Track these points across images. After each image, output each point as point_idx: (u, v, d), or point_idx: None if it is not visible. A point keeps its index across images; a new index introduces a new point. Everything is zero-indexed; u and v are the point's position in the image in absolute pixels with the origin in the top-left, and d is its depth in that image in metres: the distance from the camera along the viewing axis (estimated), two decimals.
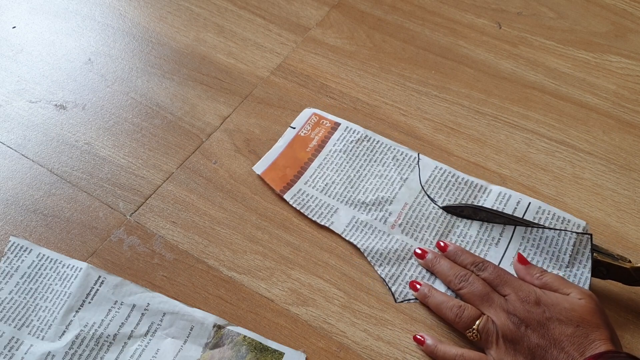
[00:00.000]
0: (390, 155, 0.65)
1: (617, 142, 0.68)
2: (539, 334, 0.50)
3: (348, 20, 0.79)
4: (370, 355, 0.54)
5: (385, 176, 0.64)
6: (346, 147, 0.66)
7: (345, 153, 0.65)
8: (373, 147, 0.66)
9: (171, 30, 0.78)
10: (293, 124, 0.67)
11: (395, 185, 0.63)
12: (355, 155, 0.65)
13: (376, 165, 0.64)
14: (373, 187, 0.63)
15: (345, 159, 0.65)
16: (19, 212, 0.62)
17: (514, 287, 0.54)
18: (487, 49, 0.76)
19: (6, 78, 0.73)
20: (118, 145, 0.67)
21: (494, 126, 0.69)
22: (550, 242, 0.57)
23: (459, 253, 0.58)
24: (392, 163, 0.64)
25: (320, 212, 0.61)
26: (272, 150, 0.66)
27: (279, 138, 0.67)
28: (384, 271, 0.58)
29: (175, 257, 0.60)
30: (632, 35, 0.77)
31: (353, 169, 0.64)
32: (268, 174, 0.64)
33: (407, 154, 0.65)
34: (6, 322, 0.55)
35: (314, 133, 0.66)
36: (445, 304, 0.55)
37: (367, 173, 0.64)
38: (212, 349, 0.54)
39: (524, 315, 0.51)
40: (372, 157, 0.65)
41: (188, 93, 0.72)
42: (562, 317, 0.50)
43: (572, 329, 0.50)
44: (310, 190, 0.63)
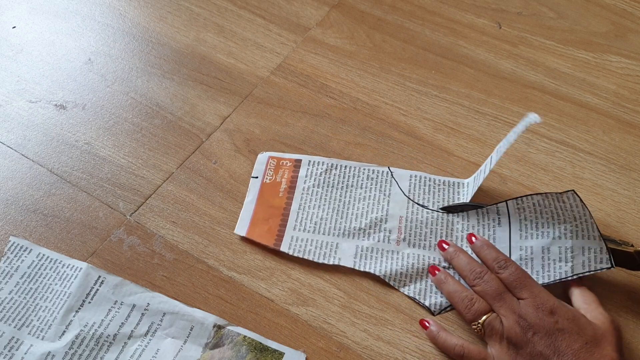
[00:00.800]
0: (363, 176, 0.64)
1: (617, 142, 0.68)
2: (545, 343, 0.50)
3: (348, 20, 0.79)
4: (370, 355, 0.54)
5: (368, 197, 0.63)
6: (317, 181, 0.64)
7: (319, 187, 0.64)
8: (343, 173, 0.65)
9: (171, 30, 0.78)
10: (254, 174, 0.64)
11: (382, 202, 0.62)
12: (330, 186, 0.64)
13: (355, 190, 0.63)
14: (362, 211, 0.62)
15: (322, 192, 0.63)
16: (19, 212, 0.62)
17: (532, 292, 0.53)
18: (487, 49, 0.76)
19: (6, 78, 0.73)
20: (118, 145, 0.67)
21: (494, 126, 0.69)
22: (543, 204, 0.57)
23: (484, 247, 0.58)
24: (369, 183, 0.64)
25: (323, 253, 0.59)
26: (245, 208, 0.62)
27: (246, 195, 0.63)
28: (410, 290, 0.57)
29: (175, 257, 0.60)
30: (632, 35, 0.77)
31: (334, 200, 0.63)
32: (253, 232, 0.60)
33: (379, 170, 0.65)
34: (6, 322, 0.55)
35: (279, 176, 0.64)
36: (459, 293, 0.55)
37: (349, 200, 0.63)
38: (212, 349, 0.54)
39: (534, 321, 0.51)
40: (347, 182, 0.64)
41: (188, 93, 0.72)
42: (574, 332, 0.50)
43: (580, 345, 0.49)
44: (302, 235, 0.60)
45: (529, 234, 0.58)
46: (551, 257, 0.56)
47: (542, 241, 0.57)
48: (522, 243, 0.58)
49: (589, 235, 0.56)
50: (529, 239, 0.58)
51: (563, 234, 0.56)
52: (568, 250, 0.56)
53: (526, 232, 0.58)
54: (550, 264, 0.56)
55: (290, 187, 0.63)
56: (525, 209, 0.58)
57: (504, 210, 0.59)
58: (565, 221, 0.56)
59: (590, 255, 0.55)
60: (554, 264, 0.56)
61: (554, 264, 0.56)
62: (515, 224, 0.58)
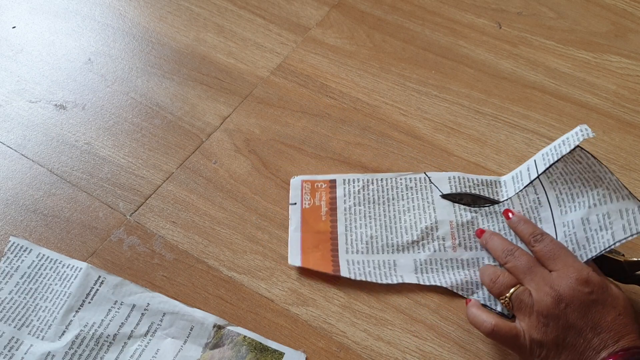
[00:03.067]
0: (402, 187, 0.63)
1: (617, 142, 0.68)
2: (578, 315, 0.49)
3: (348, 20, 0.79)
4: (370, 355, 0.54)
5: (413, 207, 0.61)
6: (357, 199, 0.62)
7: (361, 205, 0.62)
8: (381, 187, 0.63)
9: (171, 30, 0.78)
10: (291, 200, 0.62)
11: (428, 210, 0.61)
12: (371, 202, 0.62)
13: (397, 202, 0.62)
14: (410, 223, 0.61)
15: (364, 210, 0.61)
16: (19, 212, 0.62)
17: (566, 262, 0.52)
18: (487, 49, 0.76)
19: (6, 78, 0.73)
20: (118, 145, 0.67)
21: (494, 126, 0.69)
22: (569, 171, 0.56)
23: (521, 222, 0.57)
24: (409, 192, 0.62)
25: (383, 273, 0.58)
26: (292, 237, 0.60)
27: (289, 223, 0.61)
28: (480, 297, 0.57)
29: (175, 257, 0.59)
30: (632, 35, 0.77)
31: (380, 216, 0.61)
32: (307, 261, 0.58)
33: (416, 177, 0.63)
34: (6, 322, 0.55)
35: (317, 200, 0.62)
36: (486, 269, 0.55)
37: (394, 213, 0.61)
38: (212, 349, 0.54)
39: (567, 292, 0.50)
40: (387, 196, 0.62)
41: (188, 93, 0.72)
42: (608, 303, 0.49)
43: (614, 316, 0.49)
44: (356, 257, 0.59)
45: (567, 207, 0.56)
46: (592, 228, 0.55)
47: (580, 212, 0.55)
48: (563, 219, 0.56)
49: (620, 195, 0.54)
50: (569, 212, 0.56)
51: (597, 200, 0.55)
52: (606, 216, 0.54)
53: (565, 206, 0.57)
54: (593, 235, 0.55)
55: (332, 209, 0.61)
56: (556, 181, 0.57)
57: (540, 188, 0.58)
58: (594, 186, 0.55)
59: (629, 218, 0.53)
60: (596, 234, 0.54)
61: (597, 234, 0.54)
62: (554, 201, 0.57)
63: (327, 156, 0.67)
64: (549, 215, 0.58)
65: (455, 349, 0.55)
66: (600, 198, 0.55)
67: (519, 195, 0.60)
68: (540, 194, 0.59)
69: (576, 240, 0.56)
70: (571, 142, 0.56)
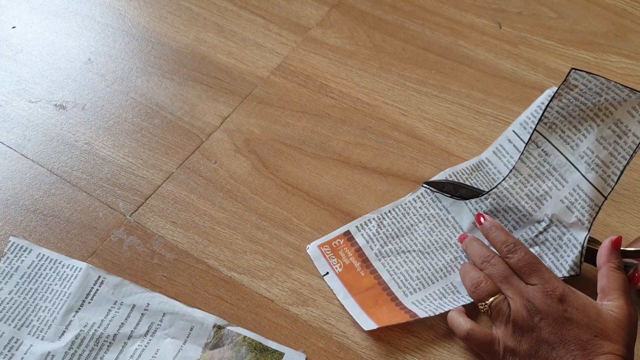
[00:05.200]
0: (412, 211, 0.61)
1: None
2: (552, 330, 0.49)
3: (348, 20, 0.79)
4: (370, 355, 0.54)
5: (434, 225, 0.60)
6: (382, 240, 0.60)
7: (388, 244, 0.59)
8: (395, 219, 0.61)
9: (171, 30, 0.78)
10: (322, 272, 0.58)
11: (449, 222, 0.61)
12: (395, 237, 0.60)
13: (417, 226, 0.61)
14: (442, 241, 0.60)
15: (394, 248, 0.59)
16: (19, 212, 0.62)
17: (543, 278, 0.52)
18: (487, 48, 0.76)
19: (6, 78, 0.73)
20: (118, 145, 0.67)
21: (494, 126, 0.69)
22: (564, 105, 0.56)
23: (492, 229, 0.57)
24: (421, 212, 0.61)
25: (452, 299, 0.57)
26: (349, 306, 0.56)
27: (335, 294, 0.57)
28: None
29: (175, 257, 0.59)
30: (632, 35, 0.77)
31: (412, 247, 0.59)
32: (380, 319, 0.55)
33: (418, 195, 0.62)
34: (6, 322, 0.55)
35: (345, 258, 0.59)
36: (469, 273, 0.56)
37: (422, 238, 0.60)
38: (212, 349, 0.54)
39: (542, 307, 0.50)
40: (405, 225, 0.61)
41: (188, 93, 0.72)
42: (583, 323, 0.49)
43: (588, 337, 0.49)
44: (418, 296, 0.57)
45: (576, 140, 0.56)
46: (612, 141, 0.54)
47: (592, 136, 0.55)
48: (578, 152, 0.56)
49: (622, 98, 0.54)
50: (580, 143, 0.56)
51: (603, 115, 0.54)
52: (618, 123, 0.54)
53: (572, 141, 0.56)
54: (615, 146, 0.54)
55: (364, 261, 0.58)
56: (555, 123, 0.56)
57: (541, 139, 0.57)
58: (595, 103, 0.54)
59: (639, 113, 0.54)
60: (617, 144, 0.54)
61: (619, 144, 0.54)
62: (559, 143, 0.56)
63: (327, 156, 0.67)
64: (562, 159, 0.57)
65: (455, 349, 0.55)
66: (605, 111, 0.54)
67: (521, 159, 0.59)
68: (542, 144, 0.58)
69: (602, 161, 0.55)
70: (546, 103, 0.57)
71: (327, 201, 0.63)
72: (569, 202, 0.57)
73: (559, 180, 0.58)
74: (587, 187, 0.56)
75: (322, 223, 0.62)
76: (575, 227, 0.57)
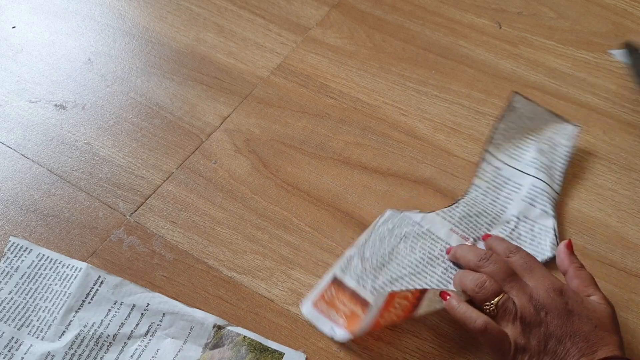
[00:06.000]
0: (387, 230, 0.60)
1: (617, 142, 0.68)
2: (558, 323, 0.50)
3: (348, 20, 0.79)
4: (370, 355, 0.54)
5: (413, 244, 0.60)
6: (371, 275, 0.57)
7: (378, 276, 0.57)
8: (374, 247, 0.59)
9: (171, 30, 0.78)
10: (329, 334, 0.55)
11: (427, 236, 0.60)
12: (382, 267, 0.58)
13: (398, 247, 0.59)
14: (428, 256, 0.59)
15: (386, 278, 0.57)
16: (19, 212, 0.62)
17: (542, 274, 0.53)
18: (487, 48, 0.76)
19: (6, 78, 0.73)
20: (118, 145, 0.67)
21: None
22: (507, 128, 0.66)
23: (496, 240, 0.58)
24: (396, 233, 0.60)
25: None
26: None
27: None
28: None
29: (175, 257, 0.59)
30: (632, 35, 0.77)
31: (401, 270, 0.58)
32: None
33: (386, 217, 0.61)
34: (6, 322, 0.55)
35: (343, 308, 0.55)
36: (469, 274, 0.54)
37: (408, 260, 0.58)
38: (212, 349, 0.54)
39: (546, 301, 0.51)
40: (387, 249, 0.59)
41: (188, 93, 0.72)
42: (583, 315, 0.50)
43: (590, 328, 0.49)
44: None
45: (521, 154, 0.65)
46: (549, 151, 0.64)
47: (533, 149, 0.64)
48: (525, 161, 0.64)
49: (550, 120, 0.66)
50: (525, 155, 0.64)
51: (538, 134, 0.65)
52: (551, 139, 0.65)
53: (518, 156, 0.65)
54: (554, 155, 0.64)
55: (362, 304, 0.55)
56: (501, 144, 0.65)
57: (491, 158, 0.65)
58: (530, 128, 0.65)
59: (563, 129, 0.66)
60: (555, 152, 0.64)
61: (555, 152, 0.64)
62: (508, 159, 0.64)
63: (327, 156, 0.67)
64: (513, 171, 0.64)
65: (455, 349, 0.55)
66: (538, 131, 0.66)
67: (478, 175, 0.64)
68: (493, 161, 0.65)
69: (546, 165, 0.63)
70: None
71: (327, 201, 0.63)
72: (530, 199, 0.62)
73: (515, 186, 0.63)
74: (541, 185, 0.62)
75: (322, 223, 0.62)
76: (542, 217, 0.61)
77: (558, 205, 0.63)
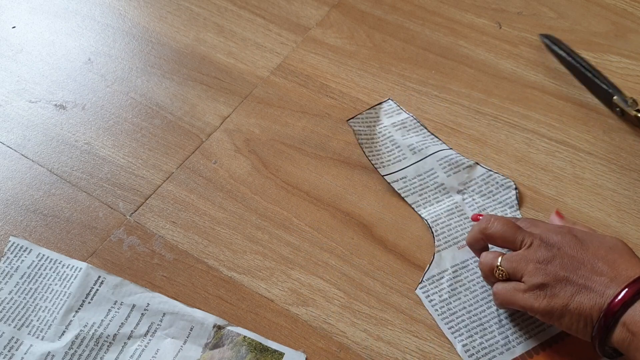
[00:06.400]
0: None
1: (617, 142, 0.68)
2: (573, 252, 0.50)
3: (348, 20, 0.79)
4: (370, 355, 0.54)
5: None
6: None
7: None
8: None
9: (171, 30, 0.78)
10: None
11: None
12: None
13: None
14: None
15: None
16: (19, 212, 0.62)
17: (546, 224, 0.54)
18: (487, 48, 0.76)
19: (6, 78, 0.73)
20: (118, 145, 0.67)
21: (494, 126, 0.69)
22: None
23: (495, 216, 0.57)
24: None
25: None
26: None
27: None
28: None
29: (175, 257, 0.59)
30: (632, 35, 0.77)
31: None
32: None
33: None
34: (6, 322, 0.55)
35: None
36: (482, 259, 0.55)
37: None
38: (212, 349, 0.54)
39: (557, 239, 0.51)
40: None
41: (188, 93, 0.72)
42: (595, 241, 0.51)
43: (605, 250, 0.50)
44: None
45: (396, 155, 0.66)
46: (399, 138, 0.67)
47: (391, 143, 0.67)
48: (406, 155, 0.66)
49: (370, 114, 0.69)
50: (399, 153, 0.66)
51: (375, 127, 0.68)
52: (386, 130, 0.68)
53: (396, 157, 0.66)
54: (401, 140, 0.67)
55: None
56: (381, 161, 0.65)
57: (389, 177, 0.65)
58: (375, 131, 0.67)
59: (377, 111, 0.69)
60: (397, 137, 0.67)
61: (401, 135, 0.67)
62: (395, 165, 0.65)
63: (327, 156, 0.67)
64: (409, 168, 0.65)
65: (455, 349, 0.55)
66: (379, 129, 0.68)
67: (399, 193, 0.64)
68: (392, 177, 0.65)
69: (417, 143, 0.67)
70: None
71: (327, 201, 0.63)
72: (447, 170, 0.65)
73: (431, 174, 0.65)
74: (438, 156, 0.65)
75: (322, 223, 0.62)
76: (470, 170, 0.65)
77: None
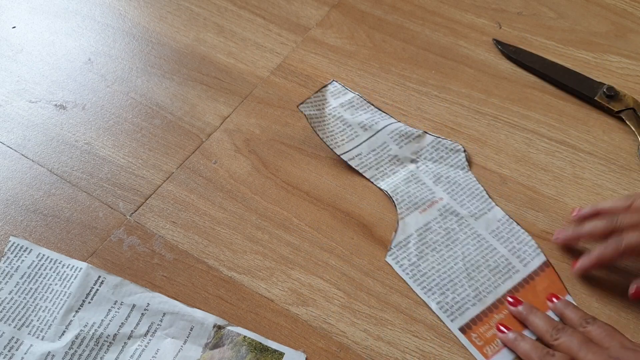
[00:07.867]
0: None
1: (617, 142, 0.68)
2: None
3: (348, 20, 0.79)
4: (370, 355, 0.54)
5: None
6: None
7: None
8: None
9: (171, 30, 0.78)
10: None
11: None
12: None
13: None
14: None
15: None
16: (19, 212, 0.62)
17: (623, 340, 0.50)
18: (487, 49, 0.76)
19: (6, 78, 0.73)
20: (118, 145, 0.67)
21: (494, 126, 0.69)
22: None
23: (569, 306, 0.54)
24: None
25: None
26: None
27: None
28: None
29: (175, 257, 0.60)
30: (632, 35, 0.77)
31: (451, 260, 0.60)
32: None
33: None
34: (6, 322, 0.55)
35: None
36: (536, 349, 0.52)
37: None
38: (212, 349, 0.54)
39: (625, 356, 0.48)
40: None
41: (188, 93, 0.72)
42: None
43: None
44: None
45: (350, 135, 0.67)
46: (351, 117, 0.68)
47: (343, 122, 0.67)
48: (357, 133, 0.67)
49: (317, 96, 0.68)
50: (352, 131, 0.67)
51: (323, 107, 0.68)
52: (336, 110, 0.68)
53: (349, 137, 0.67)
54: (356, 117, 0.68)
55: None
56: (336, 142, 0.66)
57: (345, 155, 0.66)
58: (326, 112, 0.68)
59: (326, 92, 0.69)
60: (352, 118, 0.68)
61: (352, 115, 0.68)
62: (352, 144, 0.66)
63: (327, 156, 0.67)
64: (367, 142, 0.66)
65: (455, 349, 0.55)
66: (332, 108, 0.69)
67: (358, 170, 0.66)
68: (353, 154, 0.66)
69: (366, 120, 0.68)
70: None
71: (327, 201, 0.63)
72: (398, 141, 0.67)
73: (384, 147, 0.66)
74: (388, 129, 0.67)
75: (322, 223, 0.62)
76: (419, 139, 0.67)
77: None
